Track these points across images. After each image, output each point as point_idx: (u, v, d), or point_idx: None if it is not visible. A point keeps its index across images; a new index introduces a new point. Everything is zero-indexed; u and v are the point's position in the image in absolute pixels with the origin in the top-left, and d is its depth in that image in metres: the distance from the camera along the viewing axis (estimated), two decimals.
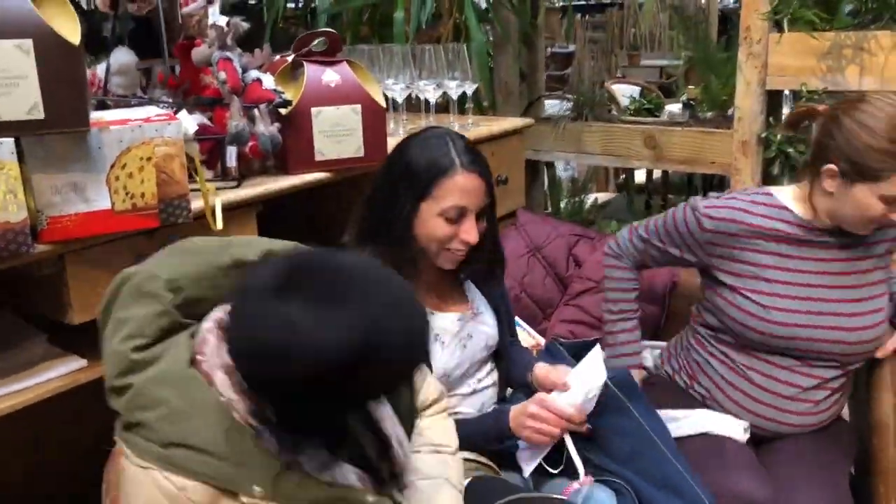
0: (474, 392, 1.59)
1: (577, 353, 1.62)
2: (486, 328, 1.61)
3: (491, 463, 1.51)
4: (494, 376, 1.64)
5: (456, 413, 1.55)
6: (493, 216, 1.55)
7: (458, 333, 1.55)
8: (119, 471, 1.02)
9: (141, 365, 1.02)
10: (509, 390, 1.71)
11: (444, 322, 1.55)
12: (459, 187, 1.43)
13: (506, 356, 1.66)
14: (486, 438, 1.49)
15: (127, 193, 1.36)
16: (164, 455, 0.97)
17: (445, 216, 1.44)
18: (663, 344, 1.95)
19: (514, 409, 1.47)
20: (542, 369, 1.59)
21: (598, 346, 1.57)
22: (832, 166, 1.54)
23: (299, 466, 1.01)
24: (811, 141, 1.73)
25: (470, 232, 1.45)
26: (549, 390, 1.51)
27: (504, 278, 1.67)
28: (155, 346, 1.04)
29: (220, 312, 1.06)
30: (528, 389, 1.61)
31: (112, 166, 1.33)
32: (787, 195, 1.68)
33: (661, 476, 1.41)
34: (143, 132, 1.35)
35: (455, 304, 1.60)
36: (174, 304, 1.07)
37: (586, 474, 1.42)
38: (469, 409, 1.58)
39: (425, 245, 1.47)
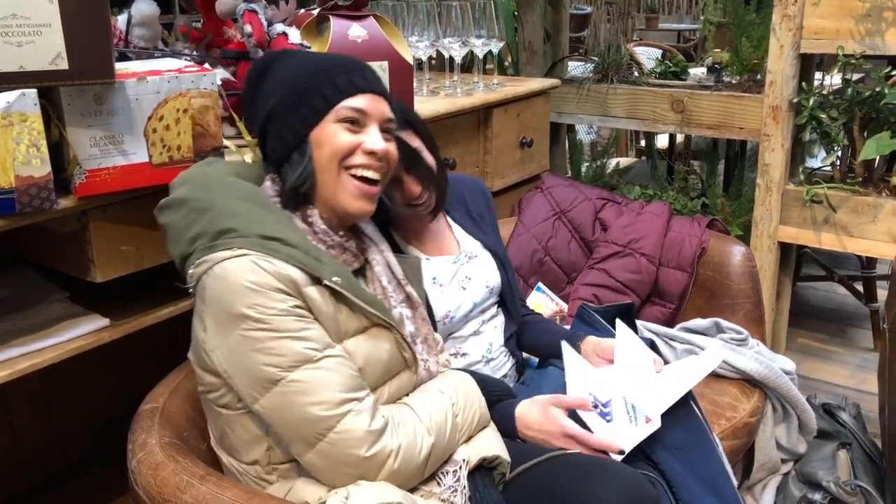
0: (477, 333, 1.58)
1: (610, 317, 1.59)
2: (485, 270, 1.61)
3: None
4: (499, 320, 1.64)
5: (464, 354, 1.56)
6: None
7: (456, 276, 1.57)
8: (203, 288, 1.11)
9: (223, 184, 1.18)
10: (536, 360, 1.68)
11: (439, 265, 1.56)
12: None
13: (510, 299, 1.65)
14: None
15: (164, 146, 1.33)
16: (264, 244, 1.10)
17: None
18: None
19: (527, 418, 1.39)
20: (599, 343, 1.54)
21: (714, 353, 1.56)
22: None
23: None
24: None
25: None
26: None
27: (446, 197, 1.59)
28: (236, 178, 1.22)
29: (267, 180, 1.25)
30: (557, 363, 1.58)
31: (149, 118, 1.30)
32: None
33: (707, 473, 1.38)
34: (180, 83, 1.32)
35: (447, 249, 1.61)
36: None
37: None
38: (475, 350, 1.57)
39: None
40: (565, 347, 1.46)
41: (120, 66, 1.33)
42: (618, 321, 1.53)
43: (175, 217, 1.17)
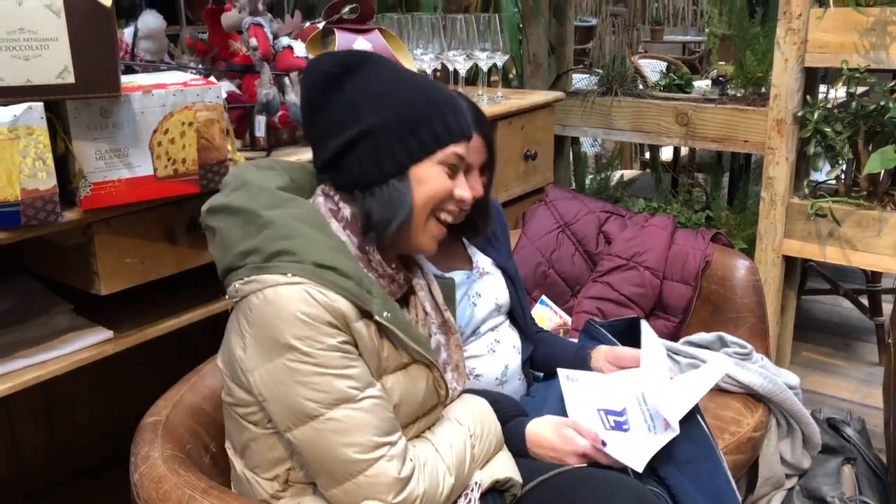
0: (492, 351, 1.57)
1: (616, 332, 1.58)
2: (495, 287, 1.61)
3: None
4: (514, 339, 1.62)
5: (477, 376, 1.54)
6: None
7: (467, 292, 1.56)
8: (249, 308, 1.08)
9: (281, 200, 1.13)
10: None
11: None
12: None
13: (521, 317, 1.64)
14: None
15: (169, 159, 1.33)
16: (318, 272, 1.06)
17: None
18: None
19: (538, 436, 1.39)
20: (612, 351, 1.55)
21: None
22: None
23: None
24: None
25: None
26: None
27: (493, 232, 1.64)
28: (288, 192, 1.16)
29: (320, 194, 1.20)
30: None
31: (154, 131, 1.31)
32: None
33: (713, 488, 1.36)
34: (185, 97, 1.32)
35: (460, 263, 1.60)
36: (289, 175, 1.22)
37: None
38: (490, 370, 1.55)
39: None
40: (561, 375, 1.46)
41: (126, 79, 1.34)
42: (643, 322, 1.52)
43: (228, 225, 1.13)
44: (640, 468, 1.30)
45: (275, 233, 1.09)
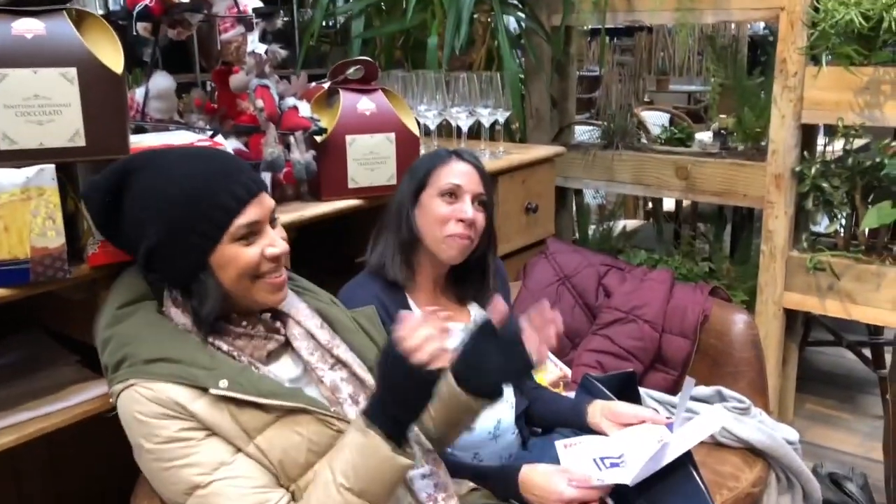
0: (495, 437, 1.58)
1: (612, 386, 1.60)
2: None
3: None
4: (508, 394, 1.62)
5: (470, 429, 1.50)
6: (490, 215, 1.62)
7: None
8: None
9: (122, 316, 1.20)
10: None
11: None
12: (454, 170, 1.56)
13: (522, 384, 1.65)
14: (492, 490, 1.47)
15: None
16: (146, 369, 1.12)
17: (441, 193, 1.54)
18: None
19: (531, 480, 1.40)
20: (608, 406, 1.56)
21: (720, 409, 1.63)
22: None
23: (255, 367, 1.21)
24: None
25: (465, 209, 1.54)
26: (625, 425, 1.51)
27: (497, 288, 1.68)
28: (129, 306, 1.22)
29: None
30: (563, 431, 1.59)
31: None
32: None
33: None
34: None
35: (458, 317, 1.63)
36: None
37: None
38: (483, 423, 1.53)
39: (429, 236, 1.55)
40: (558, 446, 1.47)
41: (135, 139, 1.39)
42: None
43: (100, 349, 1.22)
44: (629, 481, 1.32)
45: (114, 346, 1.17)
